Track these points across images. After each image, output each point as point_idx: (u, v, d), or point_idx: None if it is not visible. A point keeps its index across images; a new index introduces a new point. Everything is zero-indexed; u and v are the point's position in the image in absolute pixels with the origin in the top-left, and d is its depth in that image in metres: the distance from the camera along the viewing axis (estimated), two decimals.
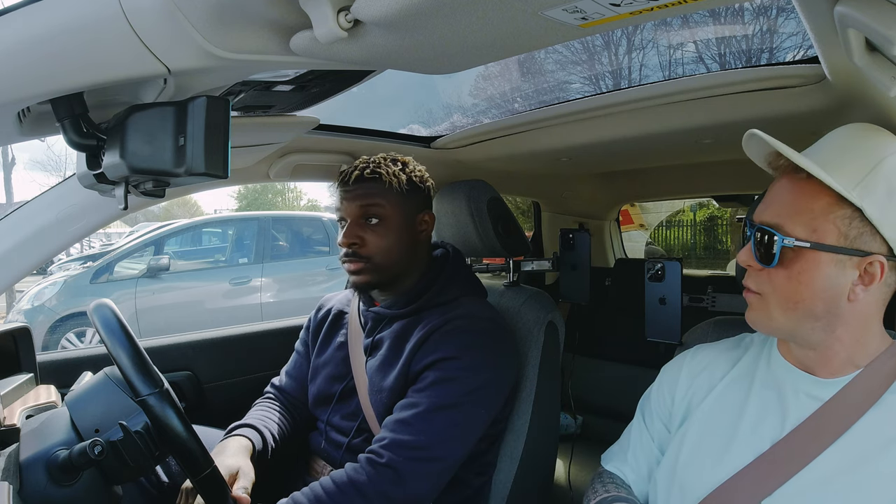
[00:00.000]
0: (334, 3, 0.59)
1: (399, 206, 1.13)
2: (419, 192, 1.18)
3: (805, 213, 0.69)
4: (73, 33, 0.60)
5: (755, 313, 0.76)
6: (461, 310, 1.11)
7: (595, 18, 0.60)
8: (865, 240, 0.67)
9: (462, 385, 1.02)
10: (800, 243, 0.68)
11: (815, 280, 0.69)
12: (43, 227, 1.10)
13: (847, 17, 0.62)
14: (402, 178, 1.13)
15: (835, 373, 0.73)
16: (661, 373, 0.93)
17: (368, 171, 1.12)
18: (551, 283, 2.38)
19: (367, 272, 1.12)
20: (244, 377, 1.60)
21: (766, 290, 0.73)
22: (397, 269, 1.14)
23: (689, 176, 2.16)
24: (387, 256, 1.12)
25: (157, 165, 0.68)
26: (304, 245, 6.07)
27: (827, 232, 0.68)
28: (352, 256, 1.12)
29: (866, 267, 0.68)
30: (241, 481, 0.98)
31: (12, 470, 0.72)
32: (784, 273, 0.71)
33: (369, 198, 1.11)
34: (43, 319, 4.88)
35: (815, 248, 0.68)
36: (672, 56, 1.70)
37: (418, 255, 1.18)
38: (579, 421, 2.15)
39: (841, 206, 0.67)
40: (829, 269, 0.68)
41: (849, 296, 0.69)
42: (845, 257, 0.67)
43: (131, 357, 0.79)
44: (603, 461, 0.98)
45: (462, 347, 1.04)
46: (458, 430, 1.01)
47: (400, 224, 1.13)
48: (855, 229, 0.67)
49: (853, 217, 0.67)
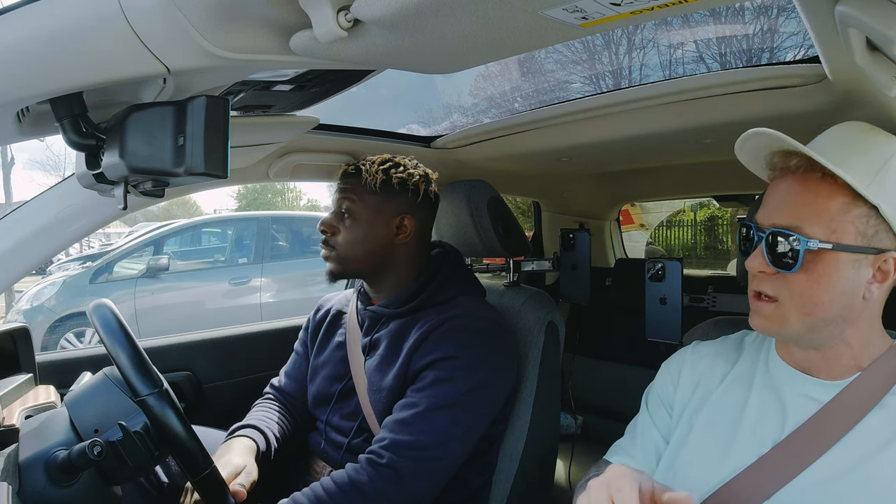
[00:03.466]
0: (334, 3, 0.58)
1: (371, 204, 1.15)
2: (400, 194, 1.16)
3: (823, 214, 0.67)
4: (73, 33, 0.60)
5: (769, 321, 0.72)
6: (459, 309, 1.11)
7: (595, 18, 0.60)
8: (881, 237, 0.67)
9: (461, 384, 1.02)
10: (823, 245, 0.66)
11: (835, 282, 0.67)
12: (42, 227, 1.09)
13: (848, 17, 0.62)
14: (378, 178, 1.14)
15: (836, 376, 0.73)
16: (663, 366, 0.92)
17: (352, 168, 1.16)
18: (551, 283, 2.38)
19: (332, 260, 1.17)
20: (244, 377, 1.59)
21: (783, 296, 0.70)
22: (366, 265, 1.16)
23: (689, 176, 2.16)
24: (350, 250, 1.15)
25: (157, 165, 0.68)
26: (304, 245, 6.07)
27: (846, 232, 0.67)
28: (323, 243, 1.18)
29: (880, 265, 0.67)
30: (240, 478, 0.98)
31: (11, 470, 0.72)
32: (803, 277, 0.68)
33: (345, 192, 1.16)
34: (42, 319, 4.88)
35: (837, 248, 0.66)
36: (672, 55, 1.70)
37: (398, 256, 1.18)
38: (579, 421, 2.14)
39: (857, 204, 0.66)
40: (848, 269, 0.67)
41: (864, 293, 0.68)
42: (862, 256, 0.67)
43: (130, 357, 0.78)
44: (607, 456, 0.97)
45: (460, 347, 1.04)
46: (457, 430, 1.01)
47: (369, 221, 1.14)
48: (872, 227, 0.67)
49: (869, 215, 0.66)
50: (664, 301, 1.23)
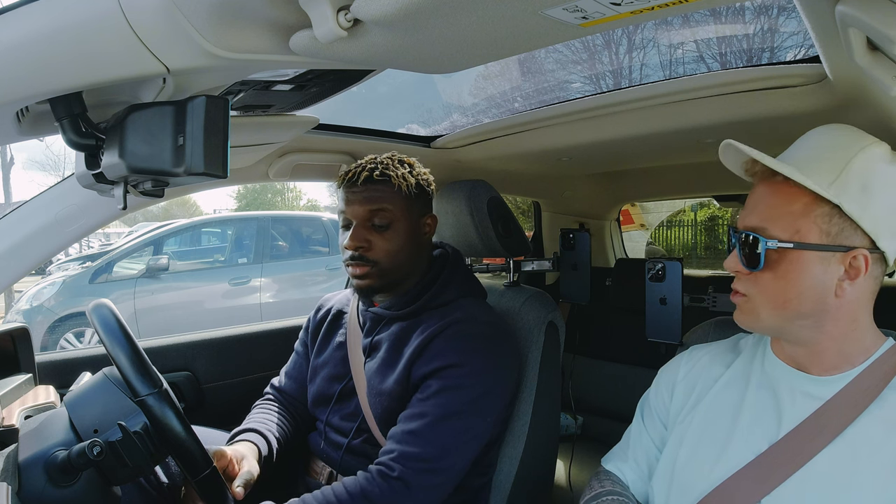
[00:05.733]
0: (334, 3, 0.58)
1: (406, 209, 1.12)
2: (424, 194, 1.17)
3: (786, 216, 0.71)
4: (72, 32, 0.60)
5: (743, 315, 0.78)
6: (459, 313, 1.10)
7: (595, 18, 0.60)
8: (847, 235, 0.69)
9: (467, 393, 1.02)
10: (783, 244, 0.70)
11: (801, 279, 0.70)
12: (41, 227, 1.09)
13: (848, 17, 0.62)
14: (410, 182, 1.12)
15: (828, 369, 0.74)
16: (659, 374, 0.94)
17: (378, 174, 1.09)
18: (551, 284, 2.38)
19: (373, 276, 1.10)
20: (243, 378, 1.59)
21: (752, 293, 0.75)
22: (402, 273, 1.14)
23: (689, 176, 2.16)
24: (393, 260, 1.10)
25: (156, 165, 0.68)
26: (304, 245, 6.07)
27: (809, 231, 0.69)
28: (358, 260, 1.09)
29: (851, 262, 0.69)
30: (240, 479, 0.97)
31: (11, 471, 0.72)
32: (770, 275, 0.72)
33: (378, 201, 1.09)
34: (42, 320, 4.88)
35: (799, 247, 0.70)
36: (673, 55, 1.69)
37: (421, 257, 1.18)
38: (579, 421, 2.14)
39: (819, 204, 0.69)
40: (815, 267, 0.70)
41: (836, 291, 0.70)
42: (829, 254, 0.69)
43: (130, 357, 0.78)
44: (603, 462, 0.98)
45: (463, 353, 1.03)
46: (465, 437, 1.01)
47: (407, 228, 1.12)
48: (836, 226, 0.69)
49: (832, 214, 0.69)
50: (664, 301, 1.23)
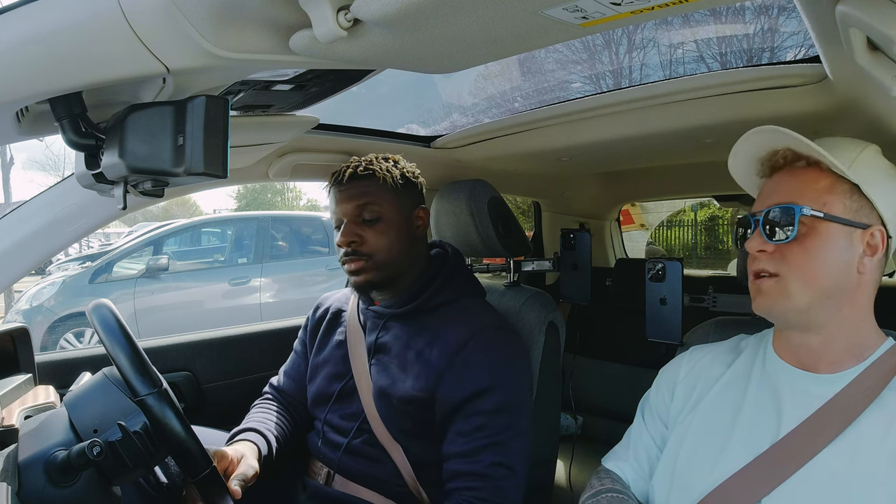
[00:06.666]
0: (334, 3, 0.58)
1: (395, 202, 1.13)
2: (413, 188, 1.18)
3: (812, 192, 0.74)
4: (72, 32, 0.60)
5: (770, 298, 0.75)
6: (473, 322, 1.09)
7: (595, 18, 0.60)
8: (865, 213, 0.74)
9: (510, 413, 1.03)
10: (815, 213, 0.73)
11: (829, 253, 0.73)
12: (41, 227, 1.09)
13: (848, 17, 0.62)
14: (395, 175, 1.13)
15: (833, 363, 0.75)
16: (660, 374, 0.94)
17: (361, 169, 1.12)
18: (552, 284, 2.38)
19: (368, 270, 1.11)
20: (243, 378, 1.59)
21: (783, 270, 0.74)
22: (398, 267, 1.14)
23: (689, 176, 2.16)
24: (387, 254, 1.11)
25: (156, 165, 0.68)
26: (304, 245, 6.06)
27: (834, 205, 0.73)
28: (352, 255, 1.10)
29: (868, 239, 0.73)
30: (236, 477, 0.97)
31: (11, 471, 0.72)
32: (799, 248, 0.73)
33: (364, 196, 1.11)
34: (41, 320, 4.88)
35: (828, 218, 0.73)
36: (673, 55, 1.69)
37: (417, 251, 1.18)
38: (579, 421, 2.14)
39: (841, 183, 0.74)
40: (841, 241, 0.73)
41: (858, 267, 0.73)
42: (852, 229, 0.73)
43: (130, 357, 0.78)
44: (604, 461, 0.98)
45: (492, 372, 1.04)
46: (520, 447, 1.05)
47: (397, 220, 1.13)
48: (856, 202, 0.73)
49: (853, 192, 0.74)
50: (664, 301, 1.23)
